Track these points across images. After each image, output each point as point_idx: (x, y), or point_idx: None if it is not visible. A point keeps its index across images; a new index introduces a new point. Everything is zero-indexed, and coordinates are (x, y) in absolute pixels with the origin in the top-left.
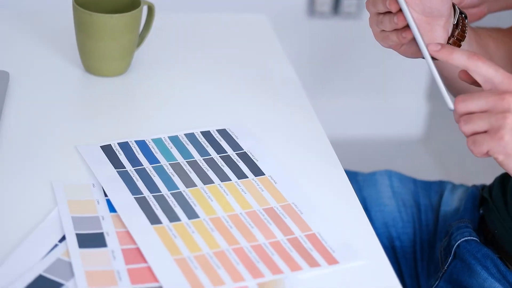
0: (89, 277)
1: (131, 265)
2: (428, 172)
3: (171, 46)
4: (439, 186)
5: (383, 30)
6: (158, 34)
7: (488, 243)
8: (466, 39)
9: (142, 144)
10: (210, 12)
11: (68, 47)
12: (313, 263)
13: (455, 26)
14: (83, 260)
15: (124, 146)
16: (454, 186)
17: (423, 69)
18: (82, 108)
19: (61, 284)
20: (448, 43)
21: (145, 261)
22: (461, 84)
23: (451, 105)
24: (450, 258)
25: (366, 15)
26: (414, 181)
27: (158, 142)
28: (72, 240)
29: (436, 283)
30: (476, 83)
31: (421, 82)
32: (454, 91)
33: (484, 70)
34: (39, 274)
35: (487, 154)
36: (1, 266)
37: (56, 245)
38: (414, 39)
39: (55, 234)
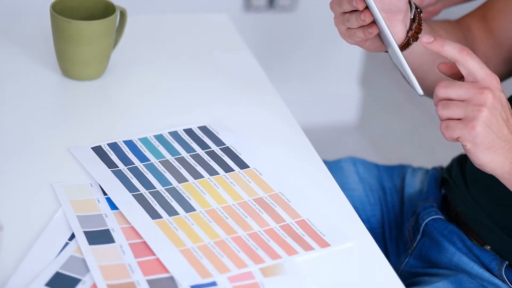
0: (104, 271)
1: (141, 258)
2: (365, 156)
3: (142, 48)
4: (401, 170)
5: (349, 28)
6: (128, 37)
7: (452, 220)
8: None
9: (130, 144)
10: (156, 12)
11: (45, 53)
12: (307, 247)
13: (412, 20)
14: (95, 256)
15: (114, 146)
16: (414, 169)
17: (356, 58)
18: (64, 112)
19: (79, 280)
20: (407, 36)
21: (153, 253)
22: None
23: (421, 91)
24: (419, 236)
25: (301, 8)
26: (377, 166)
27: (145, 141)
28: (81, 238)
29: (406, 260)
30: (454, 76)
31: (354, 70)
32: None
33: (471, 65)
34: (56, 272)
35: (457, 140)
36: (19, 266)
37: (67, 243)
38: (378, 35)
39: (64, 233)
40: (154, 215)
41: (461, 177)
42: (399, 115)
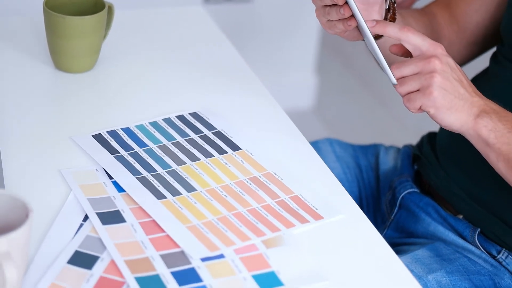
0: (120, 248)
1: (152, 235)
2: None
3: (128, 41)
4: (374, 149)
5: (329, 20)
6: (115, 30)
7: (426, 193)
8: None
9: (128, 131)
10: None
11: (36, 48)
12: (302, 220)
13: (387, 10)
14: (109, 234)
15: (113, 133)
16: (386, 148)
17: (311, 47)
18: (60, 103)
19: (97, 257)
20: None
21: (162, 231)
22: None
23: (394, 80)
24: (396, 209)
25: None
26: (352, 146)
27: (141, 128)
28: (95, 219)
29: (385, 231)
30: (405, 54)
31: (309, 58)
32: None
33: (413, 40)
34: (75, 250)
35: (420, 109)
36: (40, 247)
37: (81, 224)
38: (356, 27)
39: (77, 215)
40: (159, 195)
41: (432, 153)
42: (353, 100)
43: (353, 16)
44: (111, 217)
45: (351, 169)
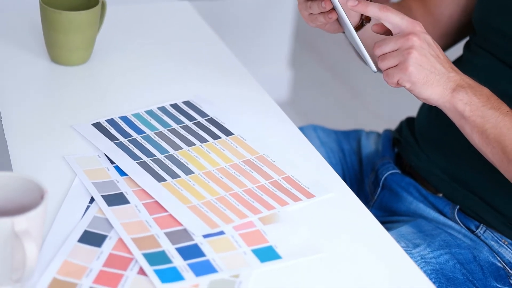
0: (126, 227)
1: (155, 215)
2: None
3: (121, 34)
4: (356, 134)
5: (311, 13)
6: (107, 24)
7: (407, 174)
8: None
9: (125, 119)
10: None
11: (32, 42)
12: (295, 199)
13: None
14: (115, 215)
15: (111, 122)
16: (367, 133)
17: (284, 41)
18: (59, 94)
19: (105, 235)
20: (361, 18)
21: (165, 210)
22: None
23: (374, 67)
24: (379, 189)
25: None
26: (335, 131)
27: (137, 116)
28: (100, 201)
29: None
30: (386, 33)
31: (283, 52)
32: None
33: (393, 18)
34: (84, 230)
35: (398, 83)
36: (51, 228)
37: (88, 206)
38: (337, 19)
39: (84, 197)
40: (159, 178)
41: (412, 136)
42: (326, 92)
43: (333, 9)
44: (116, 199)
45: (335, 153)
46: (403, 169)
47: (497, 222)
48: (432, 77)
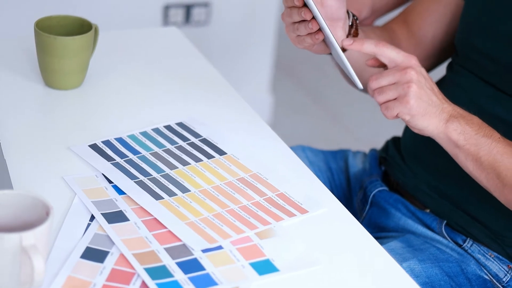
0: (127, 243)
1: (154, 231)
2: None
3: (112, 59)
4: (342, 153)
5: (299, 35)
6: (99, 49)
7: (394, 191)
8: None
9: (121, 140)
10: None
11: (26, 67)
12: (290, 214)
13: (350, 26)
14: (116, 232)
15: (107, 143)
16: (354, 153)
17: (266, 67)
18: (54, 117)
19: (107, 251)
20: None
21: (163, 227)
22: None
23: (360, 85)
24: (368, 206)
25: (214, 22)
26: (322, 151)
27: (133, 137)
28: (101, 219)
29: None
30: (381, 67)
31: (264, 78)
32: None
33: (389, 53)
34: (87, 246)
35: (397, 116)
36: (54, 244)
37: (89, 224)
38: (323, 40)
39: (84, 216)
40: (157, 196)
41: (398, 155)
42: (306, 115)
43: (320, 30)
44: (116, 217)
45: (323, 172)
46: (390, 187)
47: (483, 236)
48: (429, 109)
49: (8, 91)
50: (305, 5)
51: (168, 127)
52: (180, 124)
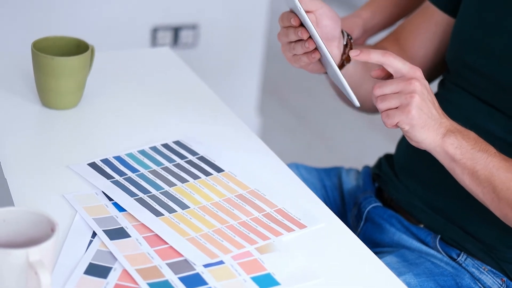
0: (129, 259)
1: (156, 247)
2: None
3: (108, 78)
4: (336, 171)
5: (295, 54)
6: (95, 69)
7: (388, 206)
8: None
9: (119, 159)
10: None
11: (23, 87)
12: (288, 229)
13: (345, 45)
14: (118, 248)
15: (106, 161)
16: (347, 170)
17: (253, 88)
18: (52, 136)
19: (110, 267)
20: (342, 59)
21: (165, 243)
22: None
23: (357, 103)
24: (362, 222)
25: (201, 44)
26: (316, 169)
27: (131, 155)
28: (103, 235)
29: None
30: (386, 78)
31: (251, 100)
32: (346, 100)
33: (395, 63)
34: (89, 262)
35: (396, 125)
36: (57, 261)
37: (91, 241)
38: (319, 59)
39: (86, 233)
40: (157, 213)
41: (391, 171)
42: (294, 136)
43: (316, 49)
44: (117, 233)
45: (317, 189)
46: (384, 202)
47: (477, 250)
48: (429, 122)
49: (5, 111)
50: (301, 24)
51: (166, 146)
52: (177, 143)
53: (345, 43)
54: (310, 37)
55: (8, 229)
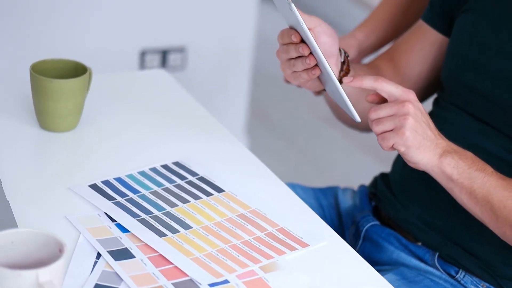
0: (135, 280)
1: (161, 267)
2: None
3: (106, 100)
4: (332, 190)
5: (294, 71)
6: (92, 91)
7: (385, 225)
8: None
9: (120, 180)
10: None
11: (21, 110)
12: (291, 248)
13: (342, 63)
14: (123, 268)
15: (107, 183)
16: (343, 189)
17: (240, 110)
18: (51, 159)
19: None
20: (339, 76)
21: (169, 263)
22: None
23: (358, 118)
24: (360, 241)
25: (190, 67)
26: (312, 189)
27: (131, 177)
28: (107, 256)
29: None
30: (380, 102)
31: (239, 121)
32: (342, 118)
33: (388, 88)
34: (95, 283)
35: (392, 147)
36: (63, 283)
37: (95, 262)
38: (318, 76)
39: (90, 254)
40: (160, 234)
41: (388, 190)
42: (281, 158)
43: (317, 65)
44: (121, 254)
45: (314, 209)
46: (381, 221)
47: (475, 267)
48: (424, 143)
49: (4, 134)
50: (302, 41)
51: (165, 167)
52: (176, 163)
53: (342, 60)
54: (311, 53)
55: (16, 250)
